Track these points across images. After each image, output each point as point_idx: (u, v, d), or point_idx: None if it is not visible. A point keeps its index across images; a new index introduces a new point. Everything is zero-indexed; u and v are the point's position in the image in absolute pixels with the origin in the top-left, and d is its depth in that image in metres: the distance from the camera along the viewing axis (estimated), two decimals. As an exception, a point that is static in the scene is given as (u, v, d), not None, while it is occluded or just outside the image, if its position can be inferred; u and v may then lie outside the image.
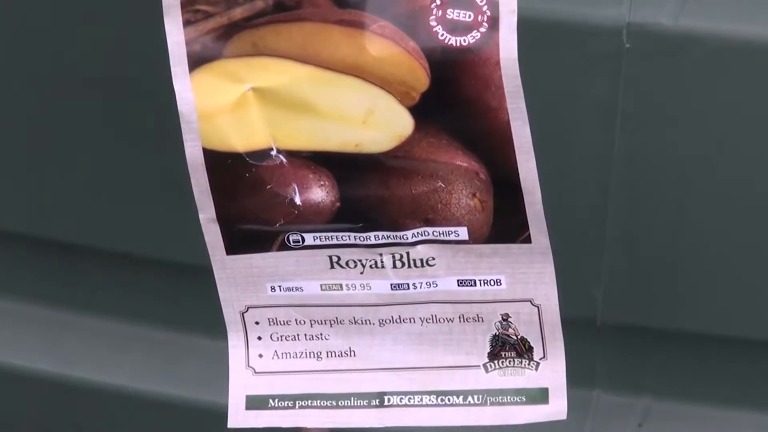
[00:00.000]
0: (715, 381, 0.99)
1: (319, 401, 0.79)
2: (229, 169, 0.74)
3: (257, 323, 0.78)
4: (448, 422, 0.79)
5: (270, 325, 0.78)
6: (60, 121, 1.03)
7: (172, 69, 0.72)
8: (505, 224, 0.72)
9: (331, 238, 0.75)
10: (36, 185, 1.08)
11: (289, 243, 0.75)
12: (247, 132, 0.73)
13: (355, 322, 0.77)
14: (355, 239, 0.74)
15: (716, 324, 0.97)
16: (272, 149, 0.73)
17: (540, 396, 0.77)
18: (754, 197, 0.91)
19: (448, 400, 0.78)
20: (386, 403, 0.78)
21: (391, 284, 0.75)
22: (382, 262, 0.75)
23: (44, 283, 1.13)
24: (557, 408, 0.77)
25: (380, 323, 0.77)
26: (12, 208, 1.08)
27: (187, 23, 0.71)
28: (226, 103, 0.73)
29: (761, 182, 0.90)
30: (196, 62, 0.72)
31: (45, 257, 1.12)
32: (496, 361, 0.76)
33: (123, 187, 1.03)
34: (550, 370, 0.76)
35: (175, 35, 0.71)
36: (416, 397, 0.78)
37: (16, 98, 1.03)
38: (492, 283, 0.75)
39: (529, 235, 0.72)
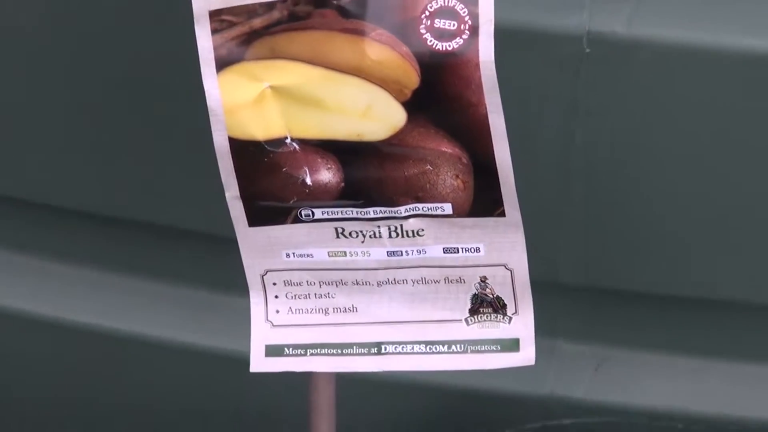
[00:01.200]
0: (658, 331, 1.00)
1: (326, 350, 0.79)
2: (251, 155, 0.74)
3: (274, 284, 0.78)
4: (435, 367, 0.79)
5: (285, 285, 0.78)
6: (113, 118, 1.03)
7: (202, 70, 0.72)
8: (483, 201, 0.72)
9: (337, 213, 0.75)
10: (102, 174, 1.06)
11: (301, 217, 0.75)
12: (265, 123, 0.73)
13: (357, 283, 0.77)
14: (357, 214, 0.74)
15: (659, 284, 0.98)
16: (287, 138, 0.73)
17: (513, 345, 0.77)
18: (692, 178, 0.91)
19: (435, 348, 0.78)
20: (383, 351, 0.78)
21: (387, 251, 0.75)
22: (379, 233, 0.75)
23: (105, 252, 1.12)
24: (527, 355, 0.77)
25: (378, 284, 0.77)
26: (80, 190, 1.07)
27: (214, 31, 0.71)
28: (248, 99, 0.72)
29: (695, 166, 0.91)
30: (222, 64, 0.72)
31: (108, 231, 1.10)
32: (475, 316, 0.76)
33: (164, 171, 1.03)
34: (521, 324, 0.76)
35: (205, 41, 0.71)
36: (408, 346, 0.78)
37: (88, 98, 1.02)
38: (472, 250, 0.74)
39: (504, 210, 0.72)
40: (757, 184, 0.91)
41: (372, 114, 0.71)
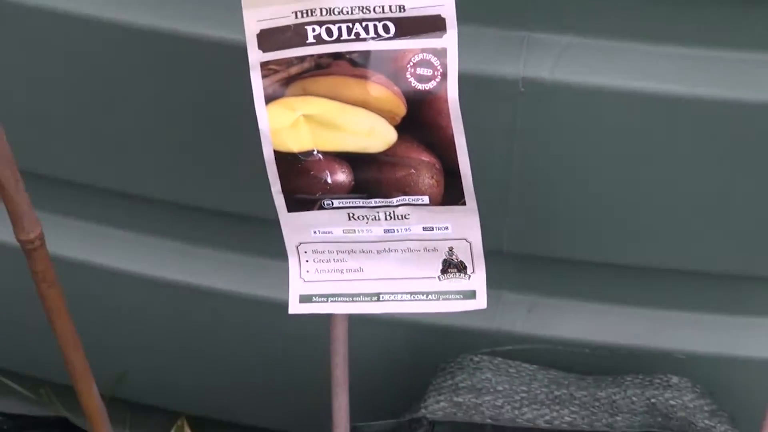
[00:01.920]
0: (572, 284, 0.99)
1: (341, 298, 0.77)
2: (288, 162, 0.72)
3: (305, 252, 0.76)
4: (416, 310, 0.77)
5: (313, 253, 0.76)
6: (207, 137, 1.00)
7: (255, 104, 0.70)
8: (450, 194, 0.71)
9: (349, 203, 0.73)
10: (201, 176, 1.03)
11: (324, 206, 0.73)
12: (299, 140, 0.71)
13: (363, 252, 0.75)
14: (363, 203, 0.73)
15: (573, 252, 0.97)
16: (314, 150, 0.71)
17: (471, 295, 0.75)
18: (594, 182, 0.91)
19: (417, 297, 0.76)
20: (381, 299, 0.77)
21: (384, 229, 0.74)
22: (378, 216, 0.73)
23: (196, 232, 1.09)
24: (481, 302, 0.75)
25: (377, 252, 0.75)
26: (186, 189, 1.05)
27: (264, 76, 0.69)
28: (287, 123, 0.71)
29: (597, 172, 0.90)
30: (269, 99, 0.70)
31: (189, 218, 1.08)
32: (445, 275, 0.75)
33: (234, 177, 1.01)
34: (477, 280, 0.75)
35: (257, 84, 0.69)
36: (398, 295, 0.76)
37: (193, 124, 0.99)
38: (443, 228, 0.73)
39: (465, 200, 0.71)
40: (639, 187, 0.91)
41: (373, 134, 0.70)
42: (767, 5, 0.80)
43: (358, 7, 0.65)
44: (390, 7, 0.64)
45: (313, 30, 0.66)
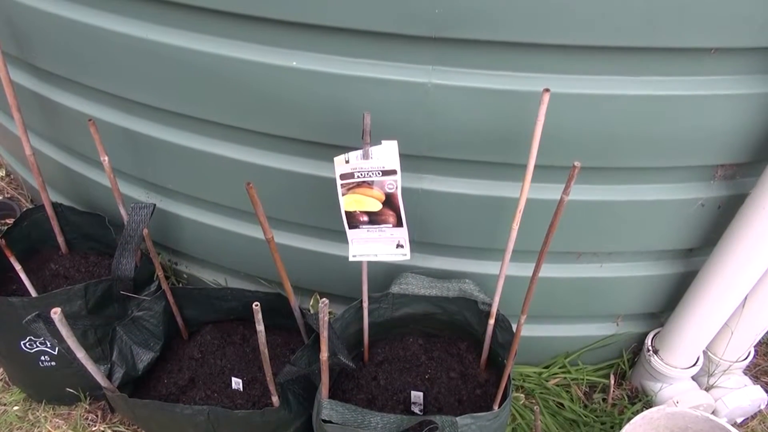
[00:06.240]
0: (437, 251, 1.03)
1: (364, 256, 0.85)
2: (348, 214, 0.82)
3: (353, 240, 0.85)
4: (388, 260, 0.86)
5: (356, 241, 0.85)
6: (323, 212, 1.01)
7: (339, 195, 0.80)
8: (398, 223, 0.82)
9: (366, 227, 0.82)
10: (323, 218, 1.03)
11: (359, 227, 0.83)
12: (351, 207, 0.81)
13: (371, 241, 0.84)
14: (371, 227, 0.82)
15: (431, 239, 1.00)
16: (357, 210, 0.81)
17: (405, 254, 0.84)
18: (448, 220, 0.97)
19: (389, 255, 0.84)
20: (377, 256, 0.86)
21: (378, 233, 0.83)
22: (376, 231, 0.83)
23: (320, 235, 1.07)
24: (407, 257, 0.84)
25: (377, 241, 0.84)
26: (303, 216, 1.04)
27: (341, 188, 0.80)
28: (348, 202, 0.81)
29: (448, 216, 0.96)
30: (343, 194, 0.81)
31: (321, 232, 1.06)
32: (397, 249, 0.84)
33: (336, 216, 0.98)
34: (407, 250, 0.84)
35: (339, 189, 0.80)
36: (383, 255, 0.85)
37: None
38: (396, 234, 0.83)
39: (403, 225, 0.81)
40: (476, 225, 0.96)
41: (374, 205, 0.80)
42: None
43: (369, 166, 0.76)
44: (381, 167, 0.77)
45: (357, 174, 0.78)
